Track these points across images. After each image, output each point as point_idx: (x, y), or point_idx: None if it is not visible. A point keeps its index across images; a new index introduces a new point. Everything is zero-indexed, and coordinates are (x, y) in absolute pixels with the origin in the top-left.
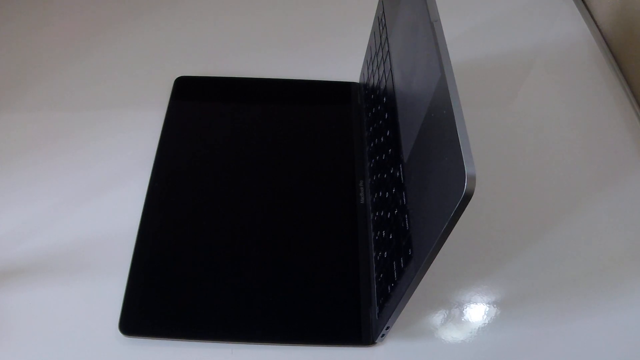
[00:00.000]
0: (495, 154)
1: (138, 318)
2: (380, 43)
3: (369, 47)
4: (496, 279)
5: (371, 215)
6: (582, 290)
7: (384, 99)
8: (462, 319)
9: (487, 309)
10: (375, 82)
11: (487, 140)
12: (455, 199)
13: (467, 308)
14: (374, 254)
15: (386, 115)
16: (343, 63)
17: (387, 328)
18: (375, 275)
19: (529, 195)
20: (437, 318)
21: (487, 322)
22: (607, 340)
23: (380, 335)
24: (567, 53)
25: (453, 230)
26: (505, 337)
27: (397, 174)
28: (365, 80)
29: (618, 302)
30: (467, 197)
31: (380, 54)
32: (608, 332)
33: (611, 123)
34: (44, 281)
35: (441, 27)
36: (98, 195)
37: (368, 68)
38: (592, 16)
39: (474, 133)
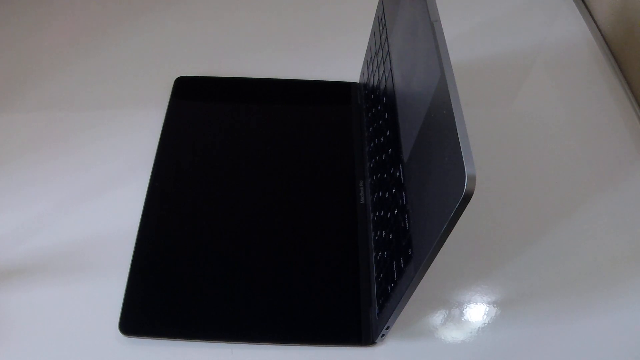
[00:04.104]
0: (495, 154)
1: (138, 318)
2: (380, 43)
3: (369, 47)
4: (496, 279)
5: (371, 215)
6: (582, 290)
7: (384, 99)
8: (462, 319)
9: (487, 309)
10: (375, 82)
11: (487, 140)
12: (455, 199)
13: (467, 308)
14: (374, 254)
15: (386, 115)
16: (343, 63)
17: (387, 328)
18: (375, 275)
19: (529, 195)
20: (437, 318)
21: (487, 322)
22: (606, 340)
23: (380, 335)
24: (567, 53)
25: (453, 230)
26: (505, 337)
27: (397, 174)
28: (365, 80)
29: (618, 302)
30: (467, 197)
31: (380, 54)
32: (608, 332)
33: (611, 123)
34: (44, 281)
35: (441, 27)
36: (98, 195)
37: (368, 68)
38: (592, 16)
39: (474, 133)
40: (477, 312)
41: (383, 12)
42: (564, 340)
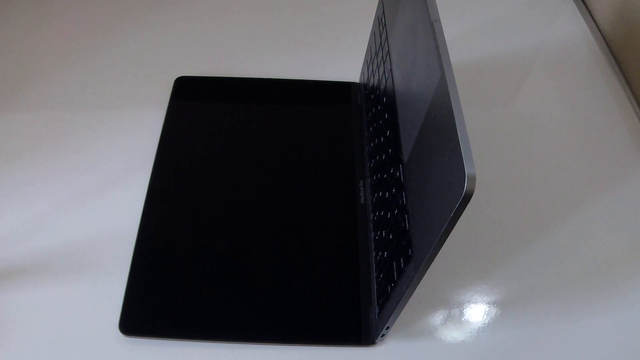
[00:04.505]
0: (495, 154)
1: (138, 318)
2: (380, 43)
3: (369, 47)
4: (496, 279)
5: (371, 215)
6: (582, 290)
7: (384, 99)
8: (462, 319)
9: (487, 309)
10: (375, 82)
11: (487, 140)
12: (455, 199)
13: (467, 308)
14: (374, 254)
15: (386, 115)
16: (343, 63)
17: (387, 328)
18: (375, 275)
19: (529, 195)
20: (437, 318)
21: (487, 322)
22: (606, 340)
23: (380, 335)
24: (567, 53)
25: (453, 230)
26: (505, 337)
27: (397, 174)
28: (365, 80)
29: (618, 302)
30: (467, 197)
31: (380, 54)
32: (608, 332)
33: (611, 123)
34: (44, 281)
35: (441, 27)
36: (98, 195)
37: (368, 68)
38: (592, 16)
39: (474, 133)
40: (477, 312)
41: (383, 12)
42: (564, 340)
